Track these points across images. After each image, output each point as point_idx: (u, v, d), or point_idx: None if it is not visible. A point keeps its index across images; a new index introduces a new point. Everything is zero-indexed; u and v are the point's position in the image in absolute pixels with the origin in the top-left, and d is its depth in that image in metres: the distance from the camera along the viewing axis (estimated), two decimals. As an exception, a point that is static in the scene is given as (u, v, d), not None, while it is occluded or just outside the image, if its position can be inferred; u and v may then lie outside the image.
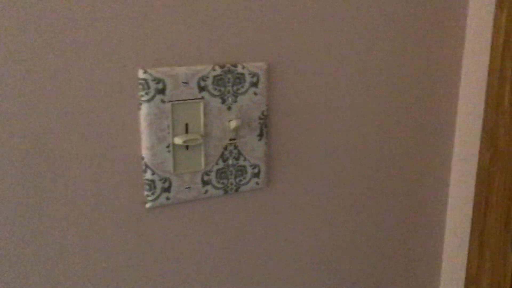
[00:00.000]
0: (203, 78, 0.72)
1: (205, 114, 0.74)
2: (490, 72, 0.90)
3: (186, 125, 0.73)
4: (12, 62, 0.62)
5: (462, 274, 1.02)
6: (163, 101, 0.70)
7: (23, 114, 0.64)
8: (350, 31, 0.83)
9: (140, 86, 0.69)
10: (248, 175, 0.79)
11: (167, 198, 0.74)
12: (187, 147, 0.74)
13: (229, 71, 0.74)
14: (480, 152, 0.94)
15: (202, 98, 0.73)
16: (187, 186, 0.75)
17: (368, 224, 0.94)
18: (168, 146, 0.72)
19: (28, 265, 0.68)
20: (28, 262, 0.68)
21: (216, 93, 0.74)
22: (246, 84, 0.75)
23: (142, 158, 0.72)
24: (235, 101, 0.75)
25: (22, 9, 0.61)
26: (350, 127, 0.87)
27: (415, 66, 0.90)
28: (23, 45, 0.62)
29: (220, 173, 0.77)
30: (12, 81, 0.62)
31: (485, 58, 0.92)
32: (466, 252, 1.00)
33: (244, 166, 0.78)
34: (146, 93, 0.69)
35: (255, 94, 0.76)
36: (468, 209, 0.99)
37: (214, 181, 0.77)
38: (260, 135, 0.78)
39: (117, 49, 0.67)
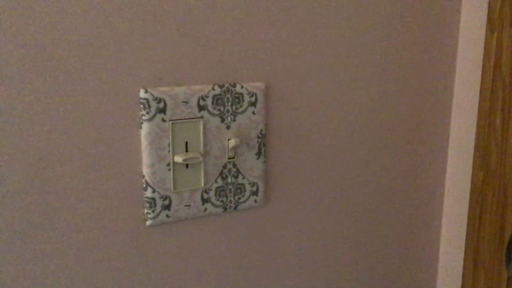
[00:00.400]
0: (203, 98, 0.74)
1: (205, 133, 0.75)
2: (482, 93, 0.92)
3: (186, 143, 0.74)
4: (17, 81, 0.63)
5: (457, 292, 1.03)
6: (163, 120, 0.72)
7: (26, 129, 0.65)
8: (346, 53, 0.85)
9: (141, 106, 0.70)
10: (247, 193, 0.80)
11: (167, 216, 0.75)
12: (187, 165, 0.75)
13: (228, 90, 0.75)
14: (473, 171, 0.96)
15: (202, 117, 0.74)
16: (187, 204, 0.76)
17: (364, 244, 0.95)
18: (168, 164, 0.73)
19: (29, 282, 0.68)
20: (28, 278, 0.68)
21: (215, 112, 0.75)
22: (245, 104, 0.77)
23: (143, 176, 0.73)
24: (234, 120, 0.77)
25: (28, 29, 0.62)
26: (347, 146, 0.88)
27: (407, 87, 0.92)
28: (28, 63, 0.63)
29: (219, 191, 0.78)
30: (17, 99, 0.63)
31: (477, 79, 0.94)
32: (461, 270, 1.01)
33: (243, 184, 0.80)
34: (147, 112, 0.71)
35: (254, 113, 0.78)
36: (462, 228, 1.00)
37: (213, 199, 0.78)
38: (258, 153, 0.80)
39: (119, 69, 0.68)
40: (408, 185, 0.97)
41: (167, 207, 0.74)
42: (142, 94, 0.70)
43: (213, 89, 0.74)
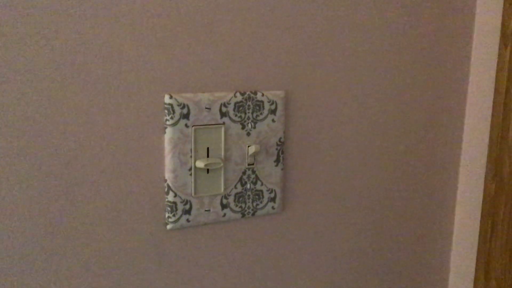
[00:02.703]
0: (225, 104, 0.75)
1: (226, 139, 0.76)
2: (495, 106, 0.93)
3: (208, 149, 0.75)
4: (47, 86, 0.65)
5: (468, 304, 1.03)
6: (186, 126, 0.73)
7: (55, 133, 0.66)
8: (363, 63, 0.86)
9: (166, 111, 0.72)
10: (265, 200, 0.81)
11: (188, 220, 0.76)
12: (207, 171, 0.76)
13: (249, 98, 0.77)
14: (485, 183, 0.97)
15: (223, 123, 0.76)
16: (207, 209, 0.77)
17: (378, 250, 0.96)
18: (190, 169, 0.75)
19: (50, 283, 0.69)
20: (49, 279, 0.69)
21: (236, 119, 0.77)
22: (265, 111, 0.79)
23: (165, 180, 0.74)
24: (254, 127, 0.78)
25: (57, 36, 0.64)
26: (363, 155, 0.90)
27: (422, 99, 0.94)
28: (59, 69, 0.65)
29: (238, 197, 0.79)
30: (47, 104, 0.65)
31: (490, 91, 0.96)
32: (472, 282, 1.02)
33: (261, 191, 0.81)
34: (171, 118, 0.72)
35: (273, 121, 0.79)
36: (474, 239, 1.01)
37: (232, 204, 0.79)
38: (277, 160, 0.81)
39: (145, 75, 0.70)
40: (421, 196, 0.99)
41: (188, 212, 0.76)
42: (167, 99, 0.72)
43: (235, 96, 0.76)
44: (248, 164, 0.79)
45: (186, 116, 0.73)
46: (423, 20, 0.91)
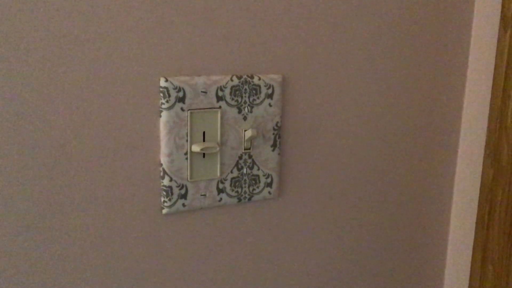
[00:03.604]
0: (221, 88, 0.74)
1: (222, 123, 0.76)
2: (493, 90, 0.93)
3: (204, 133, 0.75)
4: (39, 69, 0.64)
5: (464, 289, 1.04)
6: (182, 109, 0.72)
7: (49, 117, 0.65)
8: (361, 49, 0.85)
9: (161, 94, 0.71)
10: (261, 185, 0.81)
11: (183, 205, 0.75)
12: (203, 155, 0.75)
13: (246, 82, 0.76)
14: (483, 168, 0.96)
15: (220, 107, 0.75)
16: (203, 194, 0.76)
17: (374, 236, 0.96)
18: (185, 154, 0.74)
19: (44, 270, 0.69)
20: (45, 264, 0.69)
21: (233, 103, 0.76)
22: (262, 95, 0.78)
23: (161, 165, 0.73)
24: (251, 112, 0.77)
25: (50, 20, 0.63)
26: (360, 140, 0.89)
27: (419, 82, 0.93)
28: (50, 53, 0.64)
29: (235, 182, 0.79)
30: (39, 87, 0.64)
31: (489, 76, 0.95)
32: (469, 266, 1.02)
33: (258, 176, 0.80)
34: (167, 101, 0.71)
35: (270, 105, 0.79)
36: (471, 224, 1.01)
37: (228, 189, 0.78)
38: (274, 145, 0.80)
39: (140, 58, 0.69)
40: (418, 180, 0.98)
41: (183, 196, 0.75)
42: (162, 82, 0.71)
43: (231, 80, 0.75)
44: (245, 149, 0.78)
45: (182, 99, 0.72)
46: (423, 4, 0.90)
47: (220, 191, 0.78)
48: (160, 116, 0.72)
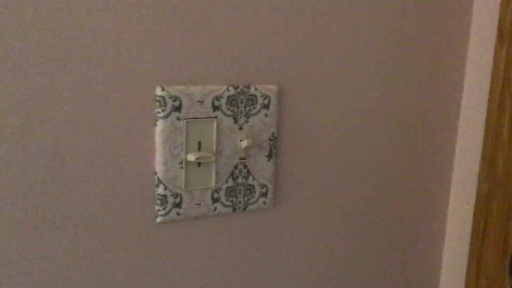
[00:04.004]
0: (218, 98, 0.75)
1: (218, 133, 0.76)
2: (490, 104, 0.93)
3: (199, 142, 0.75)
4: (35, 75, 0.64)
5: (459, 302, 1.03)
6: (178, 119, 0.73)
7: (43, 124, 0.65)
8: (357, 59, 0.86)
9: (157, 103, 0.71)
10: (256, 194, 0.81)
11: (178, 214, 0.75)
12: (199, 164, 0.76)
13: (242, 92, 0.77)
14: (478, 182, 0.97)
15: (216, 117, 0.75)
16: (197, 203, 0.77)
17: (369, 250, 0.96)
18: (181, 163, 0.74)
19: (40, 276, 0.69)
20: (39, 272, 0.69)
21: (229, 113, 0.76)
22: (258, 106, 0.78)
23: (155, 173, 0.73)
24: (247, 122, 0.78)
25: (43, 29, 0.64)
26: (356, 152, 0.89)
27: (416, 97, 0.94)
28: (46, 58, 0.64)
29: (230, 191, 0.79)
30: (35, 94, 0.64)
31: (485, 90, 0.95)
32: (464, 280, 1.02)
33: (253, 186, 0.80)
34: (163, 110, 0.72)
35: (266, 115, 0.79)
36: (466, 238, 1.01)
37: (223, 198, 0.78)
38: (269, 155, 0.81)
39: (137, 67, 0.69)
40: (413, 194, 0.98)
41: (178, 205, 0.75)
42: (158, 91, 0.71)
43: (227, 89, 0.75)
44: (240, 159, 0.78)
45: (177, 108, 0.72)
46: (419, 17, 0.90)
47: (215, 200, 0.78)
48: (156, 125, 0.72)
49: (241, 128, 0.78)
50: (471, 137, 0.99)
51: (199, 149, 0.75)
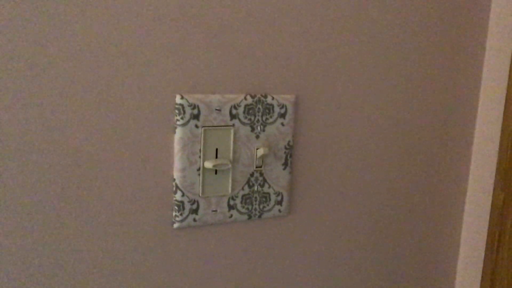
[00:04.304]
0: (235, 106, 0.76)
1: (235, 141, 0.77)
2: (506, 114, 0.93)
3: (216, 150, 0.76)
4: (59, 83, 0.66)
5: (473, 313, 1.03)
6: (196, 126, 0.74)
7: (65, 131, 0.67)
8: (374, 68, 0.87)
9: (177, 111, 0.73)
10: (272, 202, 0.82)
11: (194, 220, 0.77)
12: (215, 172, 0.77)
13: (259, 101, 0.78)
14: (494, 192, 0.97)
15: (233, 125, 0.77)
16: (214, 209, 0.78)
17: (384, 257, 0.96)
18: (198, 170, 0.75)
19: (53, 281, 0.70)
20: (56, 276, 0.70)
21: (246, 121, 0.77)
22: (275, 115, 0.79)
23: (173, 180, 0.75)
24: (263, 130, 0.79)
25: (62, 37, 0.65)
26: (373, 160, 0.90)
27: (432, 106, 0.94)
28: (71, 66, 0.66)
29: (246, 199, 0.80)
30: (58, 100, 0.66)
31: (501, 99, 0.95)
32: (478, 291, 1.02)
33: (268, 193, 0.81)
34: (182, 118, 0.73)
35: (283, 124, 0.80)
36: (480, 248, 1.01)
37: (239, 206, 0.79)
38: (285, 164, 0.82)
39: (157, 76, 0.71)
40: (429, 203, 0.99)
41: (195, 211, 0.76)
42: (178, 100, 0.72)
43: (245, 98, 0.77)
44: (256, 167, 0.80)
45: (196, 116, 0.74)
46: (435, 21, 0.91)
47: (231, 207, 0.79)
48: (175, 132, 0.73)
49: (257, 137, 0.79)
50: (487, 147, 0.99)
51: (216, 157, 0.76)
